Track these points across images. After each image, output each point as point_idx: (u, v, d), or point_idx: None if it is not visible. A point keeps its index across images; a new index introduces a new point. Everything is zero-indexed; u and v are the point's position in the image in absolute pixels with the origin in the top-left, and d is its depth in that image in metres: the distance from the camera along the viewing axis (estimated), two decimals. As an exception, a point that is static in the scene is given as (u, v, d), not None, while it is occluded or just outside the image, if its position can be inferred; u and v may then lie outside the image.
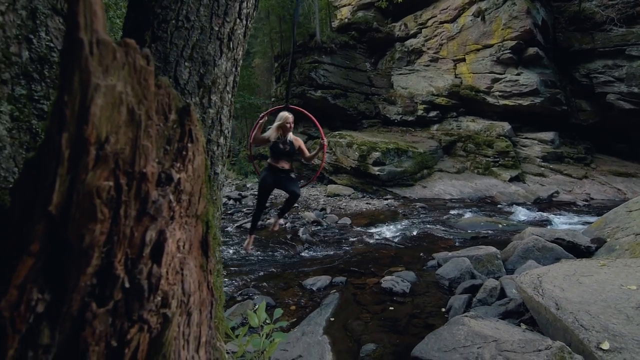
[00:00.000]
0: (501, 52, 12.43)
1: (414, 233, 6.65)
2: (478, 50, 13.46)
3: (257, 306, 3.65)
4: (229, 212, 9.26)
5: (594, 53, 12.02)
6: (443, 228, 6.97)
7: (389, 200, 10.49)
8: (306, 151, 3.90)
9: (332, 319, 3.38)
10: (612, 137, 12.79)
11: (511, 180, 11.28)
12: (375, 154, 12.04)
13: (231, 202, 10.52)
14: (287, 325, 3.32)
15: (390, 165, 12.08)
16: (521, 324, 2.93)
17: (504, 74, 12.59)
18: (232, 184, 14.15)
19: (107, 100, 0.44)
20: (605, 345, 1.99)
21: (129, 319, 0.47)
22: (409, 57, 16.70)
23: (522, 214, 8.45)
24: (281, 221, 4.13)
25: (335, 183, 13.50)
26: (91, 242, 0.43)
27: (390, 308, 3.63)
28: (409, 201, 10.60)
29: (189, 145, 0.59)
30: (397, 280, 3.98)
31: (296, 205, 10.08)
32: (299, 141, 3.80)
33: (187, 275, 0.56)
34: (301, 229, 7.00)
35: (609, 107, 11.85)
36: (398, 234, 6.72)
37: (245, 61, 30.09)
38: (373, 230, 7.22)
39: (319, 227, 7.56)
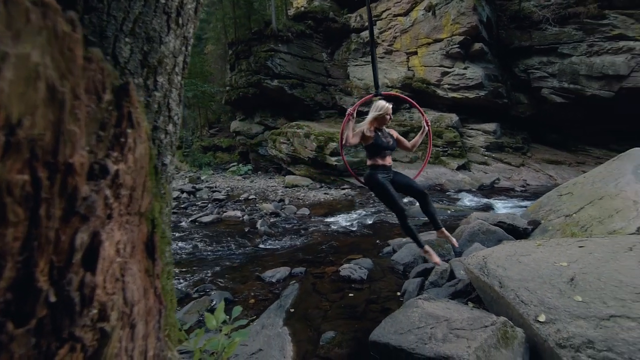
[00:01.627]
0: (450, 47, 13.01)
1: (370, 221, 6.83)
2: (429, 44, 13.97)
3: (214, 303, 3.54)
4: (182, 206, 8.85)
5: (531, 50, 13.03)
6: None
7: (346, 190, 10.66)
8: (406, 140, 3.43)
9: (291, 310, 3.37)
10: (546, 128, 14.05)
11: (458, 168, 11.99)
12: (333, 145, 12.14)
13: (184, 195, 10.05)
14: (247, 321, 3.25)
15: (347, 156, 12.23)
16: (469, 302, 3.14)
17: (453, 67, 13.22)
18: (186, 177, 13.52)
19: (19, 73, 0.36)
20: (542, 318, 2.19)
21: (57, 338, 0.39)
22: (364, 48, 16.89)
23: (467, 199, 9.03)
24: (446, 233, 3.38)
25: (294, 174, 13.45)
26: (1, 249, 0.35)
27: (350, 295, 3.70)
28: (366, 190, 10.84)
29: (129, 131, 0.52)
30: (355, 268, 4.07)
31: (255, 197, 9.91)
32: (394, 132, 3.34)
33: (130, 282, 0.49)
34: (259, 221, 6.89)
35: (544, 100, 12.98)
36: (355, 222, 6.86)
37: (198, 47, 28.57)
38: (331, 219, 7.30)
39: (278, 219, 7.49)
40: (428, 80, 13.98)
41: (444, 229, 3.38)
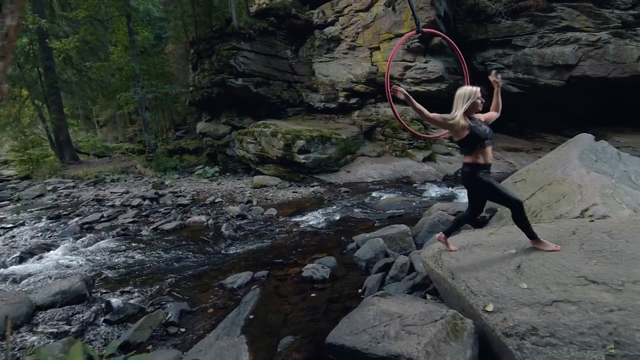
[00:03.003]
0: (411, 41, 13.21)
1: (337, 218, 6.81)
2: (391, 39, 14.13)
3: (169, 316, 3.37)
4: (144, 214, 8.46)
5: (487, 43, 13.48)
6: (364, 210, 7.27)
7: (316, 187, 10.60)
8: (492, 112, 3.11)
9: (250, 317, 3.26)
10: (504, 117, 14.58)
11: (424, 160, 12.25)
12: (300, 142, 12.03)
13: (147, 202, 9.62)
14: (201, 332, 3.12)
15: (316, 153, 12.19)
16: (427, 295, 3.16)
17: (414, 62, 13.45)
18: (149, 182, 12.97)
19: None
20: (490, 307, 2.22)
21: None
22: (328, 44, 16.86)
23: (433, 190, 9.23)
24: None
25: (262, 174, 13.23)
26: None
27: (312, 295, 3.64)
28: (335, 187, 10.85)
29: None
30: (318, 268, 4.01)
31: (221, 199, 9.64)
32: (481, 115, 2.88)
33: None
34: (224, 225, 6.68)
35: (501, 90, 13.44)
36: (323, 220, 6.81)
37: (158, 47, 27.46)
38: (299, 218, 7.21)
39: (244, 221, 7.31)
40: (391, 75, 14.12)
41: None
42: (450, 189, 9.44)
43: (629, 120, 13.28)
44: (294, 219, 7.17)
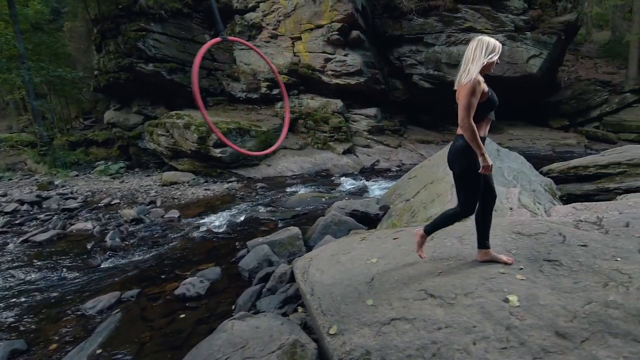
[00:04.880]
0: (330, 33, 13.13)
1: (242, 219, 6.45)
2: (312, 29, 13.90)
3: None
4: (17, 222, 7.18)
5: (402, 39, 13.97)
6: (272, 209, 7.02)
7: (232, 183, 10.08)
8: None
9: (98, 352, 2.79)
10: (420, 111, 15.44)
11: (344, 153, 12.39)
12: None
13: (25, 207, 8.21)
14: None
15: (236, 144, 11.56)
16: (298, 308, 3.00)
17: (334, 54, 13.42)
18: (36, 182, 11.17)
19: None
20: (333, 329, 2.08)
21: None
22: (249, 31, 16.06)
23: (348, 184, 9.33)
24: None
25: (176, 169, 12.25)
26: None
27: (181, 316, 3.28)
28: (253, 182, 10.43)
29: None
30: (195, 282, 3.64)
31: (119, 201, 8.66)
32: None
33: None
34: (110, 233, 5.91)
35: (415, 86, 14.16)
36: (226, 222, 6.39)
37: (57, 23, 23.71)
38: (202, 220, 6.70)
39: (139, 226, 6.58)
40: (313, 66, 13.97)
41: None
42: (365, 181, 9.63)
43: (521, 116, 14.95)
44: (196, 222, 6.64)
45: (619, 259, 2.06)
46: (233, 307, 3.26)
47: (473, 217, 2.35)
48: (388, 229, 3.52)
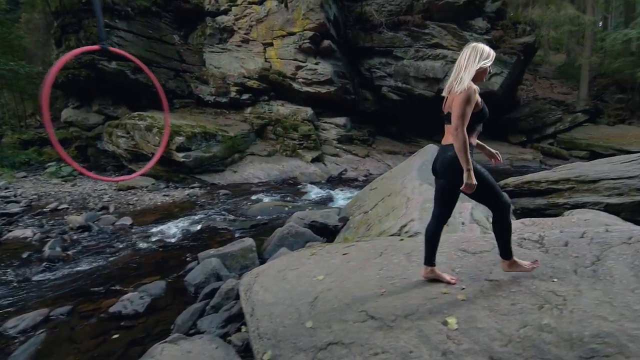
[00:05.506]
0: (302, 41, 13.12)
1: (199, 228, 6.16)
2: (284, 36, 13.83)
3: None
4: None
5: (372, 51, 14.22)
6: (232, 217, 6.77)
7: (194, 189, 9.70)
8: None
9: (9, 381, 2.48)
10: (388, 122, 15.71)
11: (313, 161, 12.31)
12: (179, 139, 10.90)
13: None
14: None
15: (198, 151, 11.21)
16: (242, 327, 2.82)
17: (306, 62, 13.41)
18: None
19: None
20: (267, 355, 1.95)
21: None
22: (221, 34, 15.76)
23: (314, 192, 9.24)
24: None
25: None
26: None
27: (114, 337, 3.00)
28: (217, 188, 10.10)
29: None
30: (134, 299, 3.37)
31: (68, 206, 8.08)
32: None
33: None
34: (51, 242, 5.44)
35: (384, 97, 14.41)
36: (181, 230, 6.09)
37: (15, 13, 22.19)
38: (157, 228, 6.34)
39: (86, 234, 6.12)
40: (284, 73, 13.88)
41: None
42: (331, 190, 9.58)
43: (482, 130, 15.52)
44: (150, 230, 6.27)
45: (555, 280, 2.08)
46: (172, 326, 3.03)
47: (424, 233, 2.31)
48: (340, 243, 3.44)
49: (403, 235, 3.18)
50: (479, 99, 2.02)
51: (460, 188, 1.97)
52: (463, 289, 2.14)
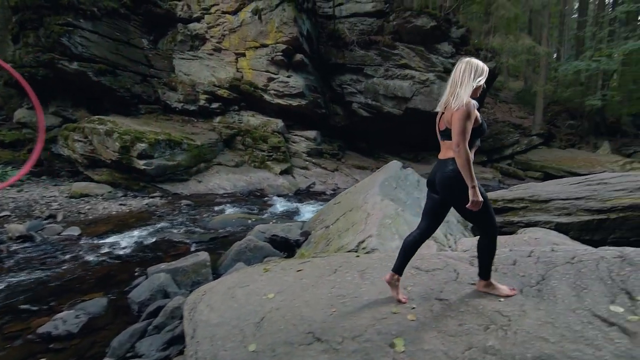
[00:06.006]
0: (275, 54, 13.16)
1: (153, 240, 5.83)
2: (257, 47, 13.82)
3: None
4: None
5: (344, 68, 14.50)
6: (191, 229, 6.48)
7: (154, 199, 9.25)
8: None
9: None
10: (358, 137, 15.96)
11: (282, 173, 12.18)
12: (141, 146, 10.43)
13: None
14: None
15: (161, 159, 10.76)
16: (185, 349, 2.62)
17: (278, 74, 13.43)
18: None
19: None
20: (203, 383, 1.80)
21: None
22: (192, 41, 15.49)
23: (280, 205, 9.09)
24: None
25: (92, 179, 10.98)
26: None
27: (41, 362, 2.69)
28: (179, 198, 9.69)
29: None
30: (68, 318, 3.07)
31: (10, 214, 7.43)
32: None
33: None
34: (-18, 252, 4.92)
35: (354, 113, 14.66)
36: (134, 243, 5.73)
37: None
38: (107, 240, 5.92)
39: (26, 245, 5.61)
40: (256, 84, 13.80)
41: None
42: (298, 203, 9.47)
43: (448, 149, 16.11)
44: (99, 241, 5.85)
45: (502, 300, 2.09)
46: (107, 350, 2.76)
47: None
48: (296, 259, 3.34)
49: (360, 252, 3.14)
50: (478, 114, 2.03)
51: (467, 206, 1.93)
52: (413, 308, 2.10)
